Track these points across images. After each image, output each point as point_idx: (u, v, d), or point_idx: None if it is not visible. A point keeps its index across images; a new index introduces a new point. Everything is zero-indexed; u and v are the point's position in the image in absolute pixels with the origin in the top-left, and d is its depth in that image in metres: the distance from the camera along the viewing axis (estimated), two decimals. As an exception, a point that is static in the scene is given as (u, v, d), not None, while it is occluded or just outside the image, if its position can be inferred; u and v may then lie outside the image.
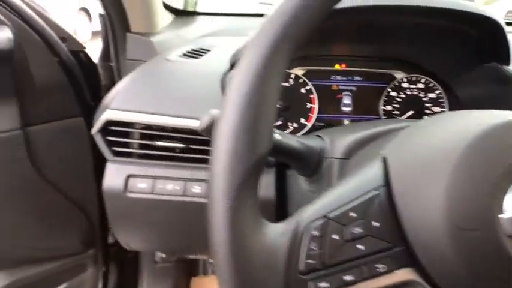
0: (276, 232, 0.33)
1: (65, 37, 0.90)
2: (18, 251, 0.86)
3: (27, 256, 0.88)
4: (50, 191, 0.88)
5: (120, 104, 0.67)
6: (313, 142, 0.54)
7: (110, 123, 0.66)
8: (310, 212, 0.34)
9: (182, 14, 1.03)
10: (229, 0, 1.34)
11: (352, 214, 0.32)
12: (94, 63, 1.01)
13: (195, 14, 1.06)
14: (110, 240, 1.17)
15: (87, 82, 0.96)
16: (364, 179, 0.35)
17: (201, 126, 0.47)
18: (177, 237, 0.73)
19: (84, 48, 0.95)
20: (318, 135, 0.57)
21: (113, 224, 0.70)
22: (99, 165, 1.01)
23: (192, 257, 0.99)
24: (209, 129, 0.46)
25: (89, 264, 1.00)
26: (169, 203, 0.67)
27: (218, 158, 0.32)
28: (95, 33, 4.93)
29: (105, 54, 1.07)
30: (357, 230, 0.32)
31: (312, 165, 0.53)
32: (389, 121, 0.62)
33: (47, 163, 0.87)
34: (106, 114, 0.66)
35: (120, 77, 0.86)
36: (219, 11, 1.10)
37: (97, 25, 0.94)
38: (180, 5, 1.06)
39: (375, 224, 0.32)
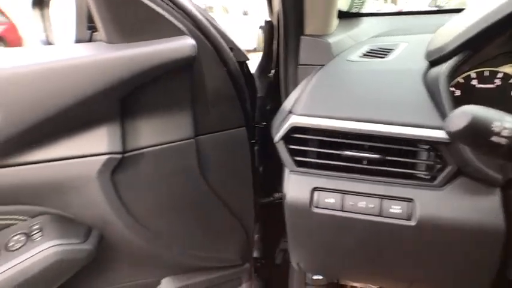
0: None
1: (232, 47, 0.90)
2: (186, 259, 0.87)
3: (193, 264, 0.89)
4: (214, 201, 0.88)
5: (306, 109, 0.61)
6: None
7: (294, 129, 0.60)
8: None
9: (346, 16, 0.95)
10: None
11: None
12: (252, 75, 1.00)
13: (359, 15, 0.97)
14: (255, 254, 1.14)
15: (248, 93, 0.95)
16: None
17: (454, 128, 0.36)
18: (362, 262, 0.63)
19: (248, 59, 0.95)
20: None
21: (291, 241, 0.64)
22: (256, 177, 1.00)
23: (357, 284, 0.88)
24: (468, 131, 0.36)
25: (243, 278, 0.97)
26: (361, 222, 0.57)
27: None
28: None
29: (264, 66, 1.06)
30: None
31: None
32: None
33: (212, 173, 0.87)
34: (291, 120, 0.60)
35: (287, 85, 0.82)
36: (383, 11, 0.99)
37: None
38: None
39: None
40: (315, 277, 1.03)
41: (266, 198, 1.05)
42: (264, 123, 1.07)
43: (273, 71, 1.04)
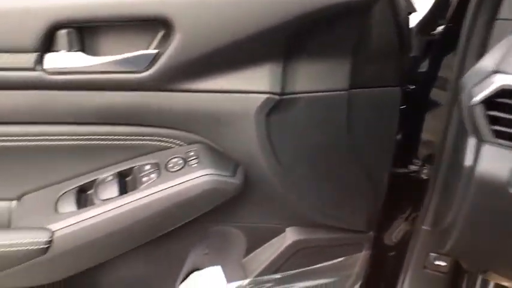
0: None
1: (403, -5, 0.80)
2: (313, 212, 0.85)
3: (318, 219, 0.87)
4: (352, 160, 0.83)
5: None
6: None
7: (502, 93, 0.51)
8: None
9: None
10: None
11: None
12: (411, 30, 0.89)
13: None
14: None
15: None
16: None
17: None
18: None
19: (416, 11, 0.84)
20: None
21: (466, 218, 0.57)
22: (399, 144, 0.92)
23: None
24: None
25: (365, 246, 0.93)
26: None
27: None
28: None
29: (428, 21, 0.94)
30: None
31: None
32: None
33: (356, 130, 0.81)
34: (501, 81, 0.51)
35: (468, 43, 0.70)
36: None
37: None
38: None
39: None
40: (437, 262, 0.95)
41: (401, 168, 0.97)
42: (412, 87, 0.97)
43: (439, 28, 0.92)
